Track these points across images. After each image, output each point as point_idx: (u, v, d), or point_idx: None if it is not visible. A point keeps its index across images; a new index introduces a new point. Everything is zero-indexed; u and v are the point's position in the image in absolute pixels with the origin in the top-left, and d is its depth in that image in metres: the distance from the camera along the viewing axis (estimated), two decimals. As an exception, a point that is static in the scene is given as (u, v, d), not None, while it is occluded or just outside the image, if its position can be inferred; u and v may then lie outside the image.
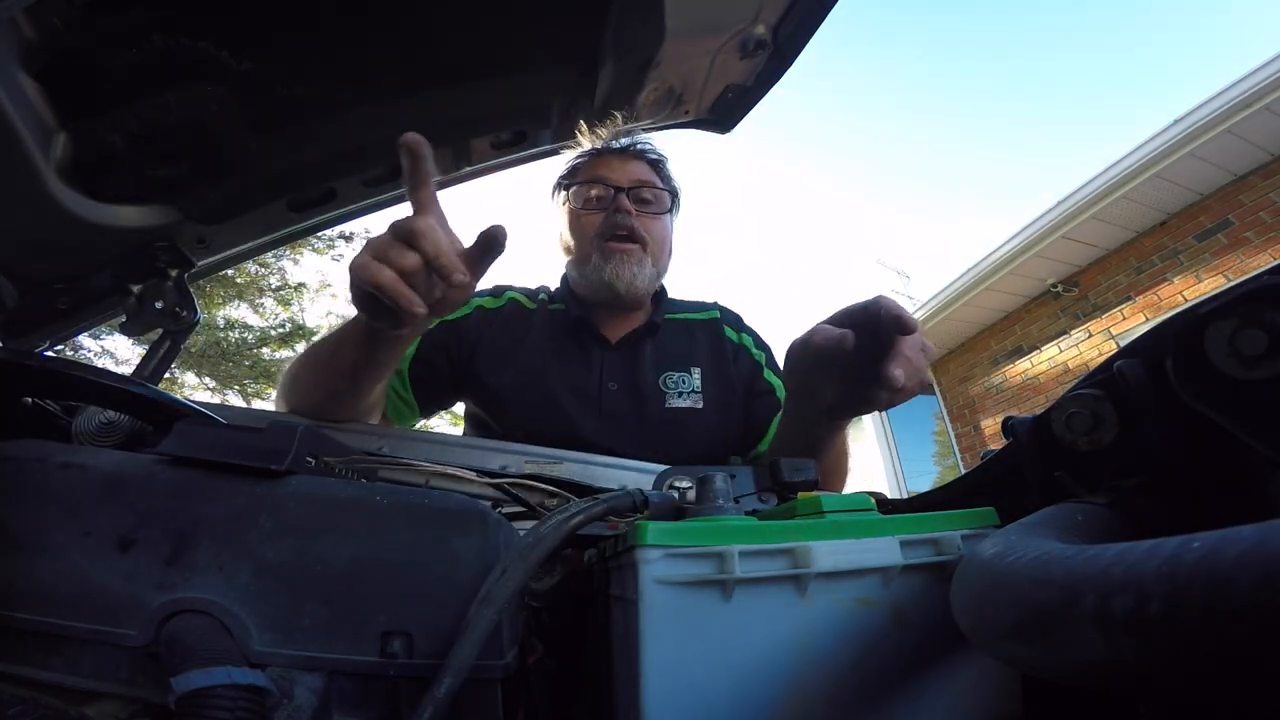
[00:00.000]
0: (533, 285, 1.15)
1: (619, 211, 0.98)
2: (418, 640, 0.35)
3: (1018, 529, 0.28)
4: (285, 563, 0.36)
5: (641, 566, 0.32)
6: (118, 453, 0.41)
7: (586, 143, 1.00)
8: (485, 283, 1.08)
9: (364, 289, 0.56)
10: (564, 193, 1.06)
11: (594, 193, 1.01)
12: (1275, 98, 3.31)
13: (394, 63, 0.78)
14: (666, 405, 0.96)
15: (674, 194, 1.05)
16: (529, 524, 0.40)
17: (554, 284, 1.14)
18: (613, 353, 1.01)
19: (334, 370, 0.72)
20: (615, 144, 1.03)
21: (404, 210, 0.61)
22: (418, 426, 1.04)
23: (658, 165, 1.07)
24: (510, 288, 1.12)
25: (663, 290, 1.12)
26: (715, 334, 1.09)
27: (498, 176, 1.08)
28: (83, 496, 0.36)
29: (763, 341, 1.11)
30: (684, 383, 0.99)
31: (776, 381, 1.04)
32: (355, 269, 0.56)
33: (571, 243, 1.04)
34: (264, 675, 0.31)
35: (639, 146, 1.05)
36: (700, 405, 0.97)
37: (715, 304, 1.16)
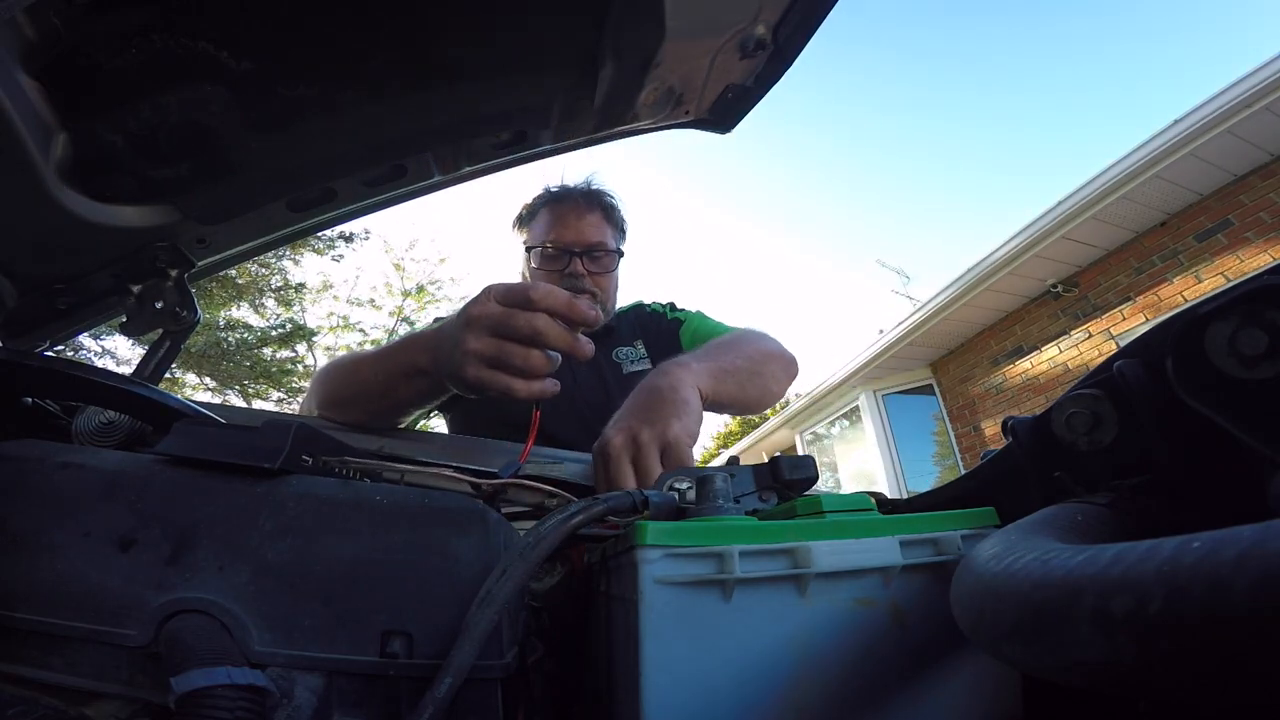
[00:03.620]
0: None
1: (574, 275, 1.12)
2: (418, 640, 0.35)
3: (1018, 529, 0.28)
4: (285, 563, 0.36)
5: (641, 566, 0.32)
6: (118, 453, 0.41)
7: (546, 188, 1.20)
8: (501, 278, 1.25)
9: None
10: (523, 236, 1.22)
11: (552, 252, 1.14)
12: (1275, 98, 3.30)
13: (394, 63, 0.78)
14: (625, 373, 1.14)
15: (619, 253, 1.20)
16: (529, 524, 0.40)
17: None
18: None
19: (387, 404, 0.76)
20: (576, 186, 1.19)
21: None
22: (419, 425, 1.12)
23: (611, 213, 1.20)
24: None
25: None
26: (640, 313, 1.30)
27: (498, 176, 1.08)
28: (83, 496, 0.36)
29: (669, 303, 1.32)
30: (633, 353, 1.18)
31: (681, 311, 1.27)
32: (476, 384, 0.59)
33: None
34: (264, 675, 0.31)
35: (594, 191, 1.19)
36: (650, 366, 1.13)
37: (639, 300, 1.38)
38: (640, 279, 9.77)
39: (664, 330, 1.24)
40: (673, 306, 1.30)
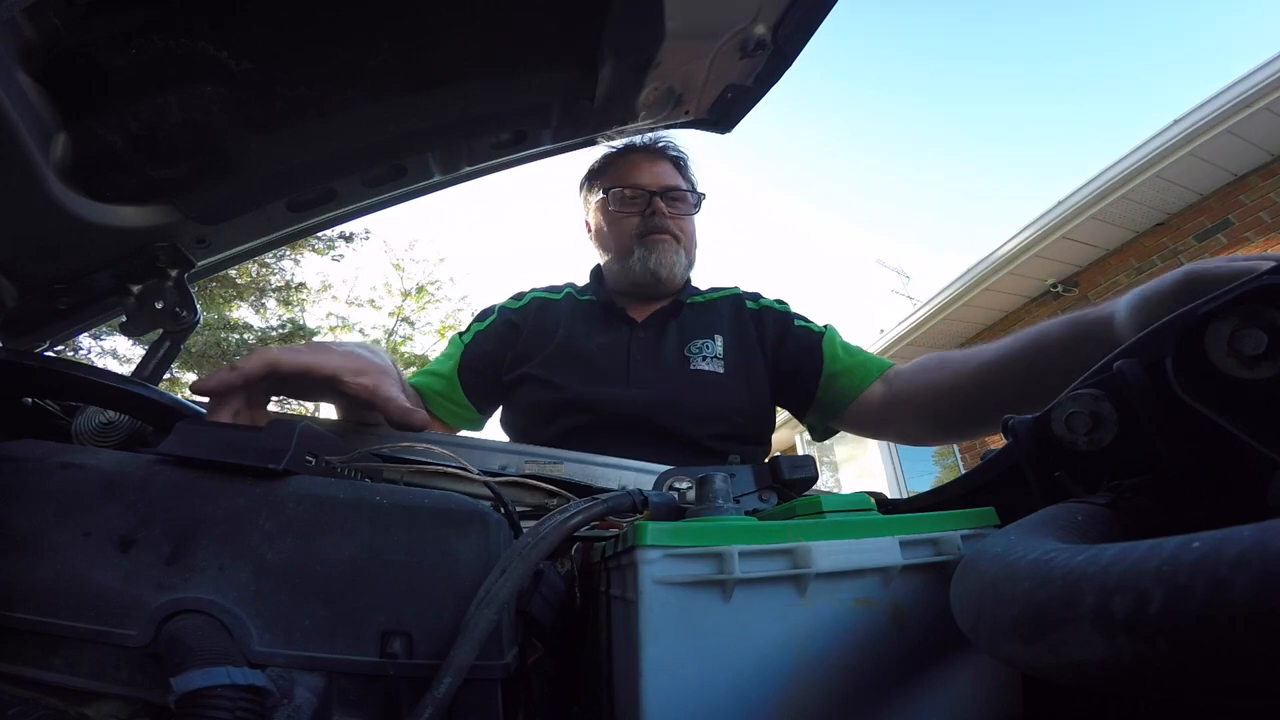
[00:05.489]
0: (559, 283, 1.21)
1: (655, 214, 1.07)
2: (418, 640, 0.35)
3: (1018, 529, 0.28)
4: (285, 563, 0.36)
5: (641, 567, 0.32)
6: (118, 453, 0.41)
7: (611, 143, 1.08)
8: (501, 278, 1.23)
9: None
10: (598, 190, 1.14)
11: (630, 195, 1.09)
12: (1275, 98, 3.30)
13: (394, 63, 0.78)
14: (691, 368, 1.02)
15: (698, 195, 1.14)
16: (529, 524, 0.40)
17: (576, 279, 1.23)
18: (639, 330, 1.08)
19: None
20: (642, 141, 1.11)
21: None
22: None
23: (681, 164, 1.15)
24: (528, 291, 1.18)
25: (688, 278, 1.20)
26: (737, 307, 1.14)
27: (498, 176, 1.08)
28: (83, 496, 0.36)
29: (783, 301, 1.17)
30: (707, 348, 1.04)
31: (811, 325, 1.10)
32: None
33: (610, 240, 1.12)
34: (264, 675, 0.31)
35: (662, 145, 1.13)
36: (722, 370, 1.02)
37: (736, 286, 1.22)
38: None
39: (770, 334, 1.08)
40: (796, 314, 1.14)
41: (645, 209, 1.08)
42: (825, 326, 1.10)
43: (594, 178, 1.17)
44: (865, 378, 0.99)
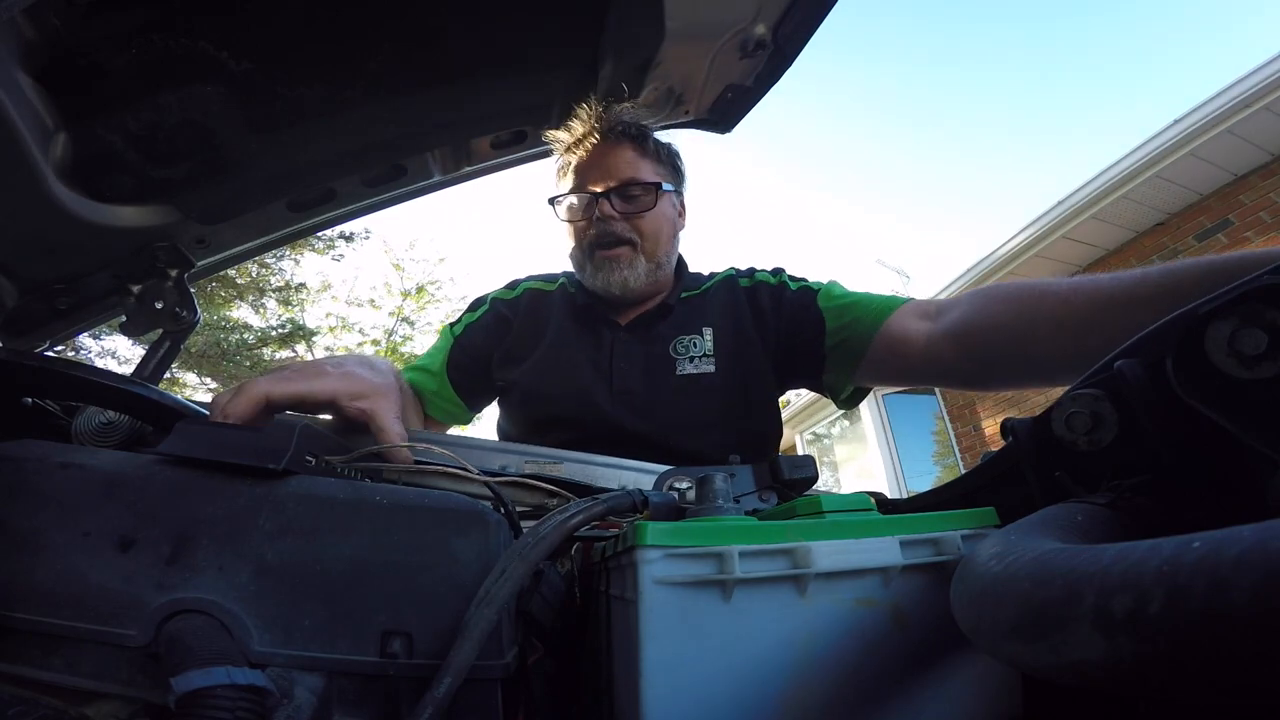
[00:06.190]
0: (556, 271, 1.15)
1: (601, 219, 0.96)
2: (418, 640, 0.35)
3: (1018, 529, 0.28)
4: (285, 563, 0.36)
5: (641, 567, 0.32)
6: (117, 453, 0.41)
7: (565, 136, 0.99)
8: (501, 278, 1.11)
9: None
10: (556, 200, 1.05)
11: (576, 202, 0.99)
12: (1275, 98, 3.31)
13: (394, 63, 0.78)
14: (678, 373, 0.95)
15: (659, 185, 0.99)
16: (529, 524, 0.40)
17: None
18: (623, 334, 1.01)
19: None
20: (596, 124, 0.97)
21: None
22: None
23: (644, 143, 1.01)
24: (524, 279, 1.14)
25: (682, 267, 1.11)
26: (730, 289, 1.06)
27: (498, 176, 1.08)
28: (82, 496, 0.36)
29: (776, 268, 1.09)
30: (695, 345, 0.97)
31: (809, 283, 1.02)
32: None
33: (571, 248, 1.04)
34: (264, 675, 0.31)
35: (619, 125, 0.98)
36: (712, 369, 0.95)
37: (731, 267, 1.13)
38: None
39: (764, 308, 1.01)
40: (789, 276, 1.05)
41: (594, 215, 0.97)
42: (828, 282, 1.02)
43: (557, 186, 1.05)
44: (881, 311, 0.89)
